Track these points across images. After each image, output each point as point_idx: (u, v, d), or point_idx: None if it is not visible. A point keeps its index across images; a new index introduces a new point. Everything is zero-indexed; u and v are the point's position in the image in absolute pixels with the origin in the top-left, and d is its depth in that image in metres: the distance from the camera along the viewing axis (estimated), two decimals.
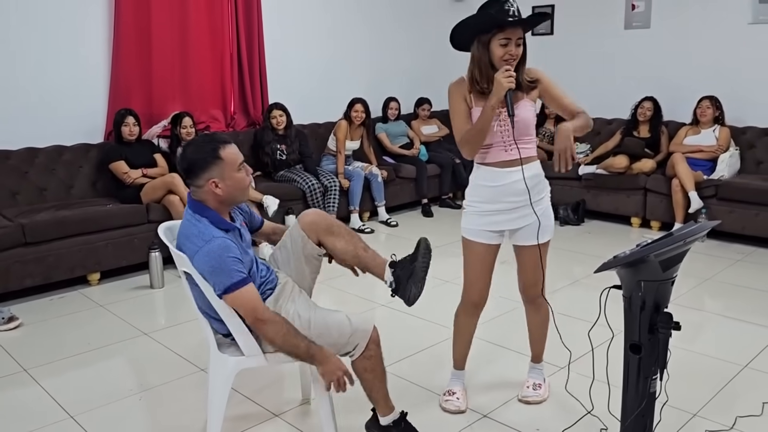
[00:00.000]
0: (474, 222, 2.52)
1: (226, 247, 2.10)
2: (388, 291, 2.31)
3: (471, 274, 2.59)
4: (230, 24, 5.67)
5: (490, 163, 2.46)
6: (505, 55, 2.29)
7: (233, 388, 2.71)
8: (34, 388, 2.97)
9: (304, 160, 5.69)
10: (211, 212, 2.18)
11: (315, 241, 2.33)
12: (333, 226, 2.34)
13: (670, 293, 1.95)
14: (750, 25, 5.60)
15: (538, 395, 2.72)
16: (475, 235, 2.52)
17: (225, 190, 2.16)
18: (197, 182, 2.16)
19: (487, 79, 2.36)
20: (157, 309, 4.11)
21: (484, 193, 2.48)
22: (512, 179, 2.43)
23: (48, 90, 4.76)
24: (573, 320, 3.59)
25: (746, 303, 3.91)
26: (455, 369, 2.79)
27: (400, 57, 7.14)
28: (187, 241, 2.16)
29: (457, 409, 2.66)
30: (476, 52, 2.36)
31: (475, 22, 2.33)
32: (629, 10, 6.31)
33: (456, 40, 2.41)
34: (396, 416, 2.36)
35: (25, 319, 3.75)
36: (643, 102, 5.80)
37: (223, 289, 2.09)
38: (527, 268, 2.58)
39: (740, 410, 2.62)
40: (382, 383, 2.32)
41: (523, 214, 2.47)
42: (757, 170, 5.49)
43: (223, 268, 2.07)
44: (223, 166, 2.14)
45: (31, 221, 4.09)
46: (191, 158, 2.16)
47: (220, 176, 2.14)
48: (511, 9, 2.27)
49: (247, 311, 2.13)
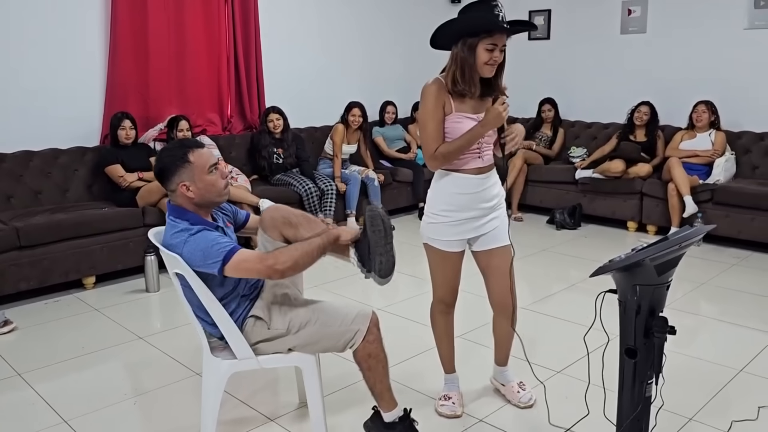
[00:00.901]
0: (445, 233, 2.50)
1: (206, 235, 2.15)
2: (362, 274, 2.31)
3: (442, 277, 2.60)
4: (227, 27, 5.67)
5: (465, 170, 2.45)
6: (490, 60, 2.28)
7: (228, 392, 2.71)
8: (28, 392, 2.95)
9: (301, 164, 5.69)
10: (190, 214, 2.22)
11: (279, 237, 2.31)
12: (290, 217, 2.33)
13: (666, 297, 1.95)
14: (745, 30, 5.62)
15: (531, 394, 2.72)
16: (449, 246, 2.52)
17: (196, 192, 2.20)
18: (169, 186, 2.22)
19: (471, 82, 2.34)
20: (153, 313, 4.09)
21: (458, 201, 2.47)
22: (485, 185, 2.46)
23: (44, 93, 4.75)
24: (569, 324, 3.59)
25: (742, 307, 3.92)
26: (446, 373, 2.78)
27: (397, 61, 7.15)
28: (173, 239, 2.18)
29: (453, 413, 2.66)
30: (461, 53, 2.31)
31: (465, 23, 2.30)
32: (626, 15, 6.33)
33: (439, 39, 2.38)
34: (400, 413, 2.36)
35: (19, 323, 3.73)
36: (640, 106, 5.82)
37: (221, 263, 2.09)
38: (495, 272, 2.56)
39: (736, 414, 2.62)
40: (385, 371, 2.32)
41: (491, 218, 2.51)
42: (752, 175, 5.50)
43: (212, 246, 2.11)
44: (192, 170, 2.19)
45: (26, 224, 4.07)
46: (162, 163, 2.23)
47: (191, 179, 2.19)
48: (500, 14, 2.25)
49: (255, 267, 2.11)
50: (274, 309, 2.31)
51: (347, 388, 2.87)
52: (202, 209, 2.25)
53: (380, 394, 2.33)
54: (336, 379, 2.93)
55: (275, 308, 2.31)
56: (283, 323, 2.27)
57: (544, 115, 6.52)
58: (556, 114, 6.53)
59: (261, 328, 2.28)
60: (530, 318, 3.62)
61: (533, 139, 6.47)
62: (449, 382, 2.77)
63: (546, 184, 6.22)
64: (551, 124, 6.52)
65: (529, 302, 3.91)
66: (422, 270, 2.63)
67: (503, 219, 2.54)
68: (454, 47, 2.34)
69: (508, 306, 2.61)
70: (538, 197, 6.30)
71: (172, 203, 2.25)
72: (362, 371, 2.30)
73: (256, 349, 2.29)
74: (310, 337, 2.26)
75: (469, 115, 2.40)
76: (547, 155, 6.42)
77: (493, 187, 2.50)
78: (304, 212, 2.39)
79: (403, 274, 4.60)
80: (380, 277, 2.25)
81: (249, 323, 2.28)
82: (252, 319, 2.28)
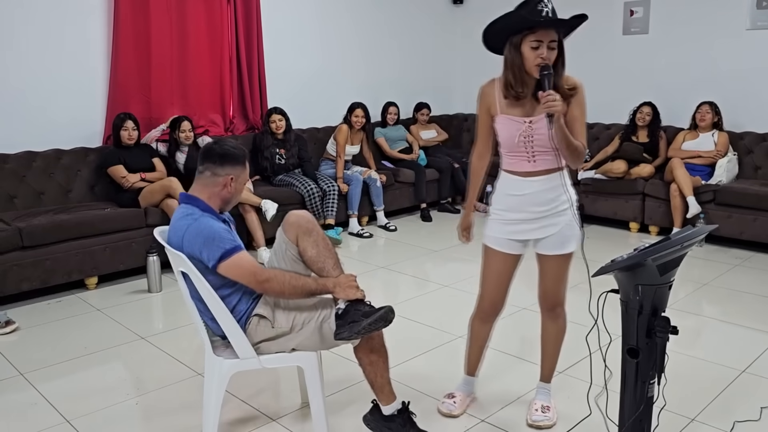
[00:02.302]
0: (497, 230, 2.48)
1: (214, 223, 2.22)
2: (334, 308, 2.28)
3: (487, 282, 2.56)
4: (229, 28, 5.68)
5: (515, 171, 2.41)
6: (537, 59, 2.16)
7: (230, 392, 2.71)
8: (30, 392, 2.96)
9: (303, 165, 5.69)
10: (201, 202, 2.28)
11: (293, 239, 2.35)
12: (313, 231, 2.35)
13: (668, 297, 1.95)
14: (748, 31, 5.61)
15: (547, 419, 2.58)
16: (497, 244, 2.48)
17: (232, 191, 2.33)
18: (220, 171, 2.29)
19: (522, 83, 2.25)
20: (155, 313, 4.10)
21: (509, 202, 2.44)
22: (535, 189, 2.37)
23: (47, 94, 4.76)
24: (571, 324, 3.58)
25: (744, 308, 3.91)
26: (466, 374, 2.76)
27: (399, 61, 7.15)
28: (180, 221, 2.22)
29: (448, 412, 2.66)
30: (508, 55, 2.24)
31: (503, 22, 2.21)
32: (628, 15, 6.33)
33: (489, 41, 2.30)
34: (399, 405, 2.38)
35: (22, 323, 3.74)
36: (642, 107, 5.82)
37: (218, 258, 2.15)
38: (548, 277, 2.51)
39: (738, 415, 2.62)
40: (386, 365, 2.34)
41: (547, 224, 2.41)
42: (755, 175, 5.50)
43: (215, 237, 2.17)
44: (242, 172, 2.36)
45: (28, 225, 4.08)
46: (231, 151, 2.33)
47: (237, 178, 2.33)
48: (544, 9, 2.14)
49: (245, 277, 2.19)
50: (278, 307, 2.31)
51: (349, 389, 2.87)
52: (217, 205, 2.33)
53: (381, 387, 2.34)
54: (338, 380, 2.93)
55: (279, 306, 2.31)
56: (287, 321, 2.28)
57: None
58: None
59: (265, 327, 2.28)
60: (532, 318, 3.61)
61: None
62: (463, 383, 2.76)
63: None
64: None
65: (532, 302, 3.90)
66: (423, 271, 2.63)
67: (566, 227, 2.40)
68: (504, 49, 2.26)
69: (550, 306, 2.56)
70: None
71: (188, 193, 2.32)
72: (363, 366, 2.32)
73: (258, 348, 2.30)
74: (311, 333, 2.26)
75: (516, 117, 2.32)
76: None
77: (548, 191, 2.37)
78: (330, 243, 2.40)
79: (405, 274, 4.61)
80: (334, 336, 2.22)
81: (253, 322, 2.29)
82: (256, 318, 2.29)
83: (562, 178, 2.39)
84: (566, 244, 2.43)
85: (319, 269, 2.33)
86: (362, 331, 2.17)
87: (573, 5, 2.65)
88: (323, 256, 2.33)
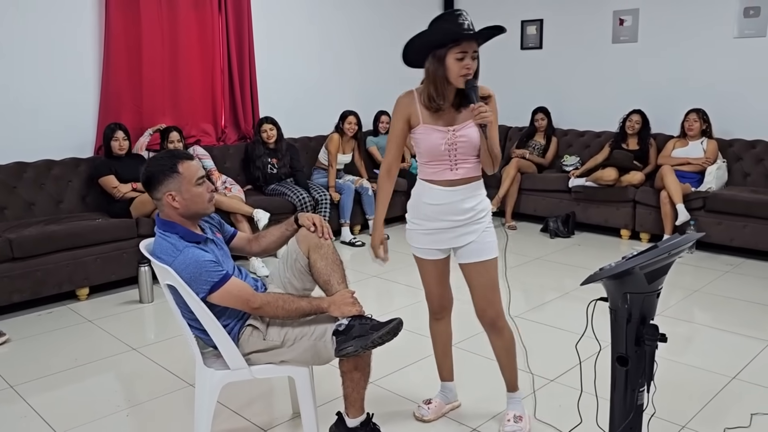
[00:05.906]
0: (420, 241, 2.52)
1: (198, 255, 2.17)
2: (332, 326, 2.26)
3: (428, 284, 2.62)
4: (221, 38, 5.69)
5: (435, 181, 2.44)
6: (462, 69, 2.24)
7: (221, 402, 2.70)
8: (20, 405, 2.94)
9: (295, 174, 5.70)
10: (178, 227, 2.24)
11: (304, 251, 2.37)
12: (324, 246, 2.36)
13: (656, 305, 1.96)
14: (735, 39, 5.67)
15: (520, 429, 2.55)
16: (424, 254, 2.54)
17: (182, 203, 2.23)
18: (156, 195, 2.24)
19: (443, 96, 2.33)
20: (147, 324, 4.08)
21: (426, 211, 2.46)
22: (455, 198, 2.41)
23: (37, 104, 4.76)
24: (562, 333, 3.59)
25: (734, 314, 3.93)
26: (441, 381, 2.79)
27: (390, 70, 7.15)
28: (162, 255, 2.20)
29: (420, 416, 2.70)
30: (431, 67, 2.31)
31: (430, 36, 2.29)
32: (617, 24, 6.38)
33: (409, 56, 2.37)
34: (363, 417, 2.39)
35: (12, 335, 3.72)
36: (632, 115, 5.86)
37: (207, 292, 2.14)
38: (477, 289, 2.50)
39: (728, 422, 2.63)
40: (365, 382, 2.36)
41: (465, 232, 2.43)
42: (744, 182, 5.54)
43: (201, 272, 2.14)
44: (180, 180, 2.22)
45: (19, 236, 4.06)
46: (150, 171, 2.25)
47: (177, 189, 2.22)
48: (465, 22, 2.23)
49: (238, 305, 2.20)
50: (272, 321, 2.31)
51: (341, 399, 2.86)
52: (189, 221, 2.28)
53: (353, 402, 2.36)
54: (329, 390, 2.92)
55: (273, 320, 2.31)
56: (279, 336, 2.28)
57: (537, 123, 6.55)
58: (549, 123, 6.56)
59: (257, 338, 2.28)
60: (524, 326, 3.61)
61: (526, 148, 6.50)
62: (440, 389, 2.79)
63: (539, 193, 6.24)
64: (544, 132, 6.55)
65: (523, 310, 3.92)
66: (416, 279, 2.63)
67: (484, 234, 2.44)
68: (426, 63, 2.33)
69: (489, 321, 2.52)
70: (531, 206, 6.32)
71: (160, 216, 2.28)
72: (343, 379, 2.33)
73: (249, 359, 2.30)
74: (304, 350, 2.26)
75: (439, 127, 2.38)
76: (541, 164, 6.45)
77: (467, 200, 2.41)
78: (339, 258, 2.40)
79: (398, 283, 4.62)
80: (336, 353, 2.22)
81: (246, 332, 2.29)
82: (249, 328, 2.29)
83: (480, 187, 2.47)
84: (486, 250, 2.45)
85: (325, 282, 2.35)
86: (370, 345, 2.17)
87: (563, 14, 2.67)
88: (330, 269, 2.35)
